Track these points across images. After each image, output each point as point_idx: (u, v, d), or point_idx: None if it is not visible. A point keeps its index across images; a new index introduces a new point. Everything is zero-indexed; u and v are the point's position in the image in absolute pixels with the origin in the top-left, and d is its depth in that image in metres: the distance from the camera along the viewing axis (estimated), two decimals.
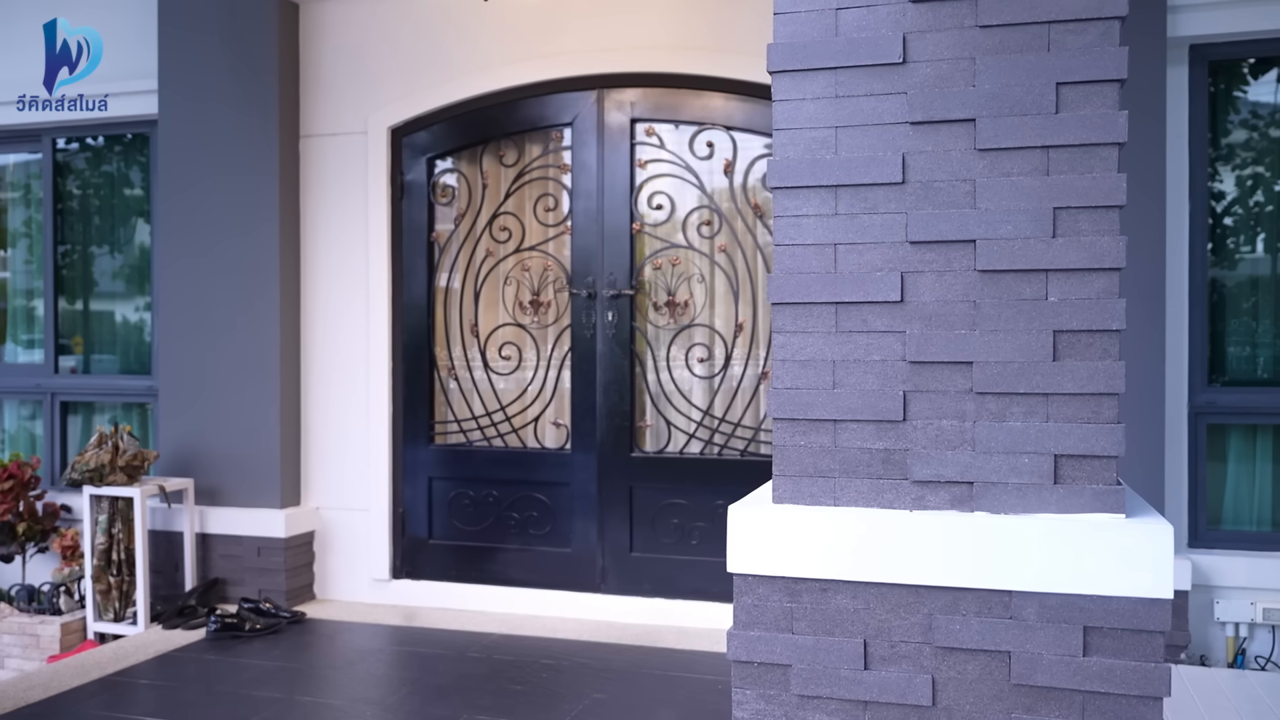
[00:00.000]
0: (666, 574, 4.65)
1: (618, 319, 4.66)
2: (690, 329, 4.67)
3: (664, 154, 4.67)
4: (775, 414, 1.93)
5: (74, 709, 3.67)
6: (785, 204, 1.92)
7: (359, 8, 5.02)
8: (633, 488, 4.71)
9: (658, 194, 4.68)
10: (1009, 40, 1.81)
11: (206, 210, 5.06)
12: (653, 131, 4.66)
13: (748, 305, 4.61)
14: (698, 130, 4.62)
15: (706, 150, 4.62)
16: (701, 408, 4.65)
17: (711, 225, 4.63)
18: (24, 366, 6.07)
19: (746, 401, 4.64)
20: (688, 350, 4.67)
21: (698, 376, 4.66)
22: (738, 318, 4.62)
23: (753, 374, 4.62)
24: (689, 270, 4.66)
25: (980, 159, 1.82)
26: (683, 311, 4.66)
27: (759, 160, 4.56)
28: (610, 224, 4.70)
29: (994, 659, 1.78)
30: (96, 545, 4.86)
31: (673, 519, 4.65)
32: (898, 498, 1.86)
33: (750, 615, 1.90)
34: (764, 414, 4.63)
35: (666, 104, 4.65)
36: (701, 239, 4.65)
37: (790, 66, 1.91)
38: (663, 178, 4.69)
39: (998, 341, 1.80)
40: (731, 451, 4.61)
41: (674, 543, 4.63)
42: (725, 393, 4.65)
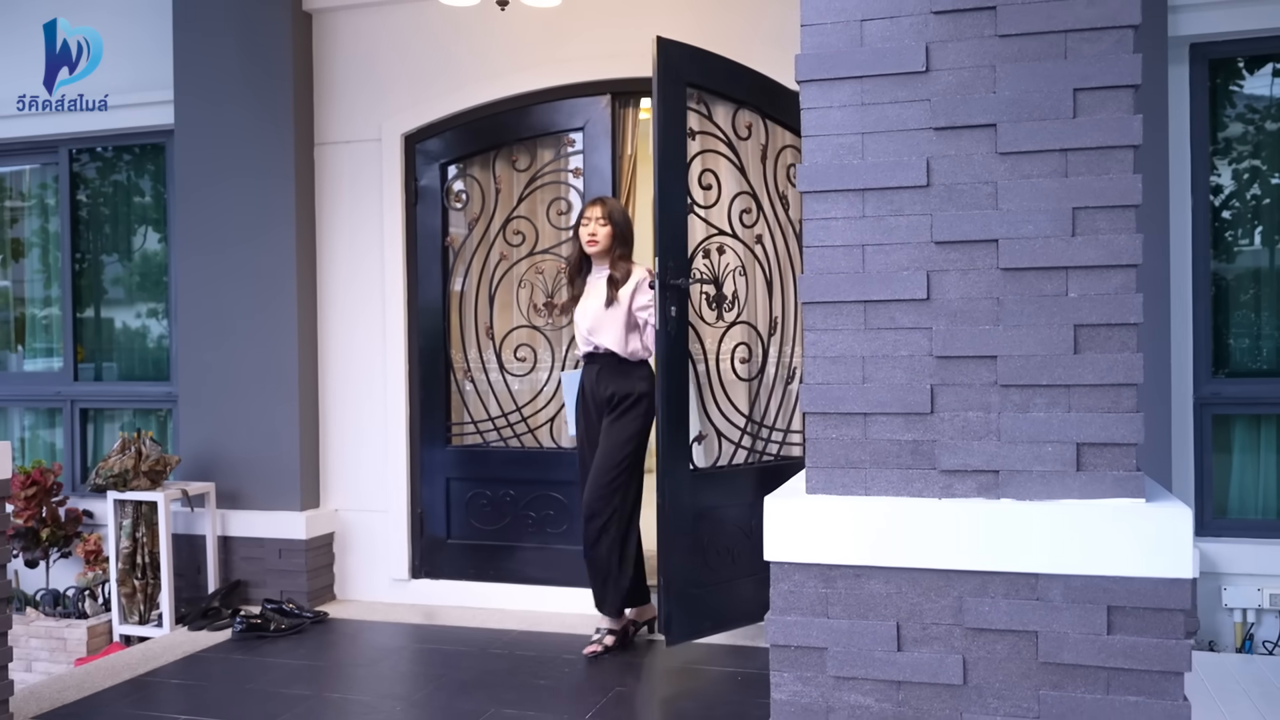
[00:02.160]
0: (725, 603, 4.09)
1: None
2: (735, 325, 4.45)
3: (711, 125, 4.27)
4: (807, 408, 2.01)
5: (109, 708, 3.74)
6: (814, 207, 2.01)
7: (371, 17, 5.10)
8: (689, 505, 3.96)
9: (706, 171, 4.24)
10: (1027, 48, 1.89)
11: (223, 218, 5.14)
12: (700, 99, 4.15)
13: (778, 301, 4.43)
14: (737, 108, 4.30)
15: (746, 132, 4.33)
16: (744, 411, 4.37)
17: (751, 213, 4.34)
18: (43, 374, 6.15)
19: (779, 402, 4.44)
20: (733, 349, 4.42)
21: (741, 378, 4.49)
22: (771, 314, 4.41)
23: (785, 374, 4.48)
24: (731, 262, 4.37)
25: (1001, 162, 1.91)
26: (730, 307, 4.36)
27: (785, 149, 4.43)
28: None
29: (1022, 638, 1.86)
30: (121, 549, 4.94)
31: (722, 540, 4.07)
32: (926, 486, 1.95)
33: (787, 601, 1.98)
34: (792, 414, 4.50)
35: None
36: (744, 228, 4.35)
37: (817, 76, 2.00)
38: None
39: (1020, 336, 1.89)
40: (762, 455, 4.39)
41: (728, 566, 4.07)
42: (763, 393, 4.42)
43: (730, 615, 4.03)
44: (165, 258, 5.88)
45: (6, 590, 3.30)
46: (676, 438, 3.87)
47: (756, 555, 4.05)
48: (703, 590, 3.91)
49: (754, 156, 4.32)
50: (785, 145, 4.38)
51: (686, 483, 3.90)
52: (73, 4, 5.72)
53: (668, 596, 3.77)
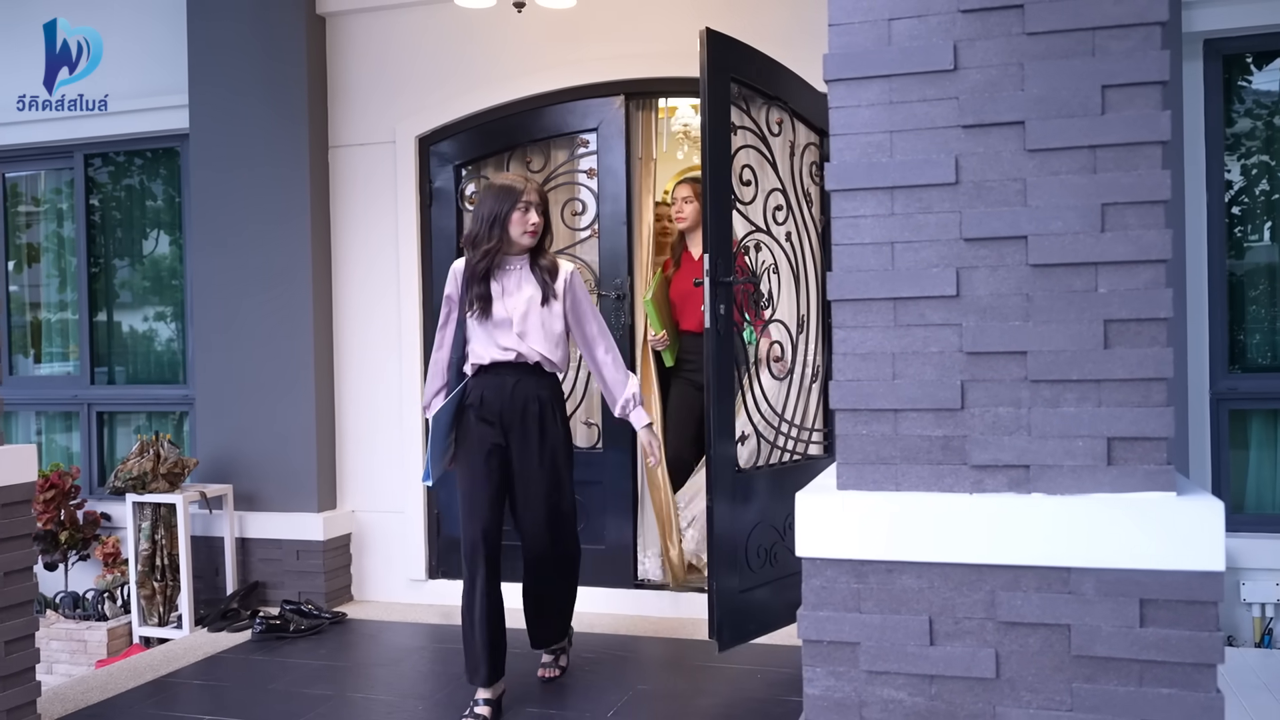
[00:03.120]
0: (767, 604, 3.99)
1: None
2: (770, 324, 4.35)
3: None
4: (837, 405, 2.03)
5: (133, 709, 3.77)
6: (843, 205, 2.02)
7: (384, 20, 5.12)
8: (735, 506, 3.85)
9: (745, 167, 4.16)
10: (1055, 46, 1.91)
11: (238, 221, 5.16)
12: (741, 95, 3.98)
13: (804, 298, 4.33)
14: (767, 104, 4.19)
15: (778, 128, 4.23)
16: (778, 410, 4.24)
17: (783, 210, 4.22)
18: (59, 378, 6.18)
19: (804, 401, 4.33)
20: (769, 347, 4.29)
21: (776, 378, 4.35)
22: (798, 312, 4.31)
23: (810, 372, 4.46)
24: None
25: (1030, 159, 1.92)
26: (767, 305, 4.25)
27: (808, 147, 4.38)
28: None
29: (1054, 632, 1.88)
30: (140, 551, 4.97)
31: (761, 541, 3.93)
32: (957, 482, 1.96)
33: (819, 596, 2.00)
34: (814, 412, 4.43)
35: None
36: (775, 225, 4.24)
37: (846, 75, 2.01)
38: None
39: (1050, 331, 1.90)
40: (791, 454, 4.27)
41: (768, 566, 3.95)
42: (792, 392, 4.31)
43: (773, 617, 3.96)
44: (177, 261, 5.91)
45: (31, 593, 3.32)
46: (726, 441, 3.75)
47: (791, 555, 4.06)
48: (748, 593, 3.85)
49: (783, 153, 4.25)
50: (808, 143, 4.37)
51: (733, 486, 3.78)
52: (84, 8, 5.75)
53: (720, 603, 3.68)
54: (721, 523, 3.72)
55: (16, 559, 3.24)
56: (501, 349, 3.52)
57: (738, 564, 3.79)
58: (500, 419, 3.54)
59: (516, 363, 3.54)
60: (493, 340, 3.51)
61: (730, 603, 3.75)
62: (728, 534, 3.77)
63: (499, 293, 3.53)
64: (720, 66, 3.79)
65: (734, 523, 3.79)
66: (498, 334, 3.52)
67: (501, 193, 3.50)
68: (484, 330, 3.52)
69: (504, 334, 3.52)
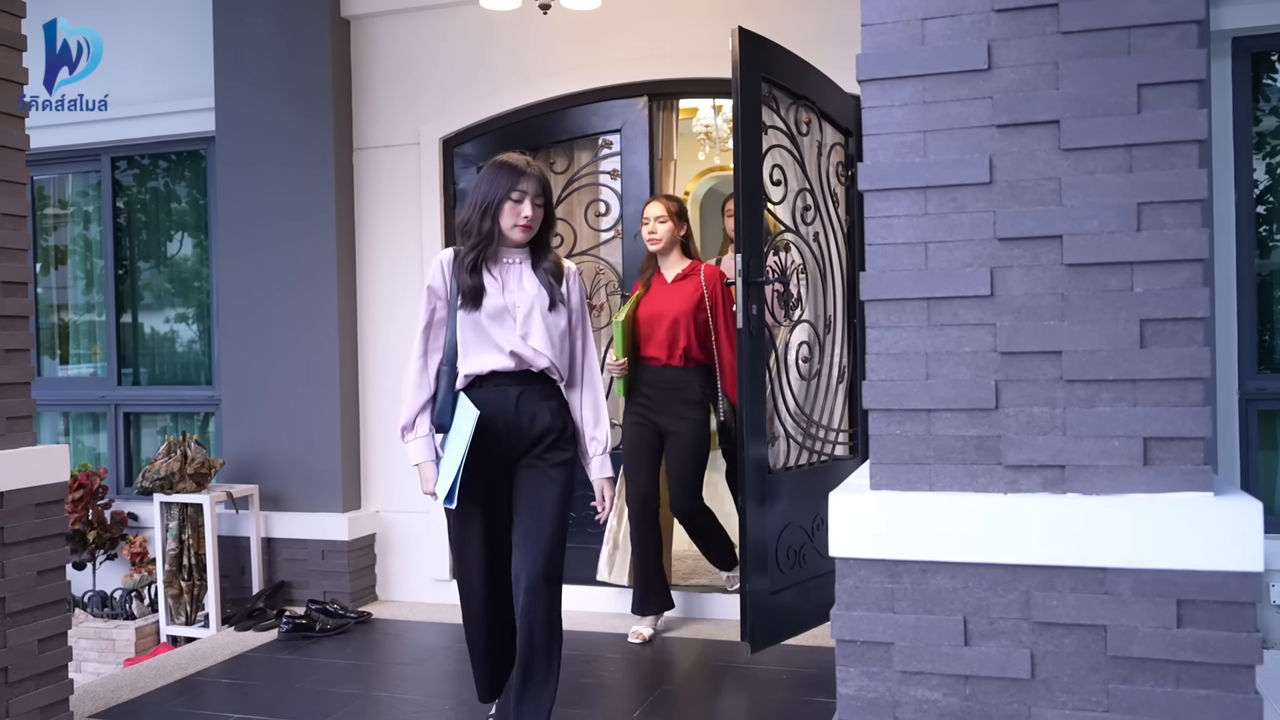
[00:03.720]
0: (796, 605, 4.05)
1: None
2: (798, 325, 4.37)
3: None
4: (870, 405, 2.03)
5: (162, 707, 3.80)
6: (876, 205, 2.02)
7: (408, 22, 5.15)
8: (767, 508, 3.87)
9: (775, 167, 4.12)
10: (1090, 45, 1.90)
11: (264, 223, 5.20)
12: (771, 94, 4.00)
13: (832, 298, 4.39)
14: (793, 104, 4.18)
15: (806, 128, 4.24)
16: (806, 411, 4.28)
17: (811, 210, 4.26)
18: (86, 379, 6.23)
19: (832, 402, 4.39)
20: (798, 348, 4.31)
21: (804, 379, 4.39)
22: (825, 312, 4.36)
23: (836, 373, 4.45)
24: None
25: (1065, 158, 1.91)
26: (796, 305, 4.28)
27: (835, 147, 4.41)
28: None
29: (1090, 633, 1.87)
30: (168, 551, 5.00)
31: (790, 542, 3.99)
32: (991, 482, 1.96)
33: (852, 596, 2.00)
34: (840, 414, 4.45)
35: None
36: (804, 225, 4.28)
37: (879, 75, 2.01)
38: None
39: (1086, 331, 1.90)
40: (820, 454, 4.34)
41: (797, 568, 4.02)
42: (820, 393, 4.36)
43: (803, 618, 4.01)
44: (201, 263, 5.95)
45: (63, 592, 3.35)
46: (758, 442, 3.77)
47: (819, 556, 4.04)
48: (778, 595, 3.88)
49: (811, 153, 4.27)
50: (835, 143, 4.39)
51: (763, 488, 3.80)
52: (114, 17, 5.80)
53: (752, 606, 3.72)
54: (753, 525, 3.74)
55: (49, 558, 3.27)
56: (502, 352, 2.93)
57: (768, 566, 3.80)
58: (501, 442, 2.96)
59: (519, 371, 2.96)
60: (490, 341, 2.93)
61: (762, 605, 3.76)
62: (759, 536, 3.79)
63: (495, 286, 2.96)
64: (752, 65, 3.82)
65: (764, 525, 3.80)
66: (497, 332, 2.93)
67: (497, 176, 2.96)
68: (478, 331, 2.93)
69: (505, 332, 2.94)
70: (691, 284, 4.34)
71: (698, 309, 4.31)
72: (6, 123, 3.24)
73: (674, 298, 4.33)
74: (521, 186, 2.94)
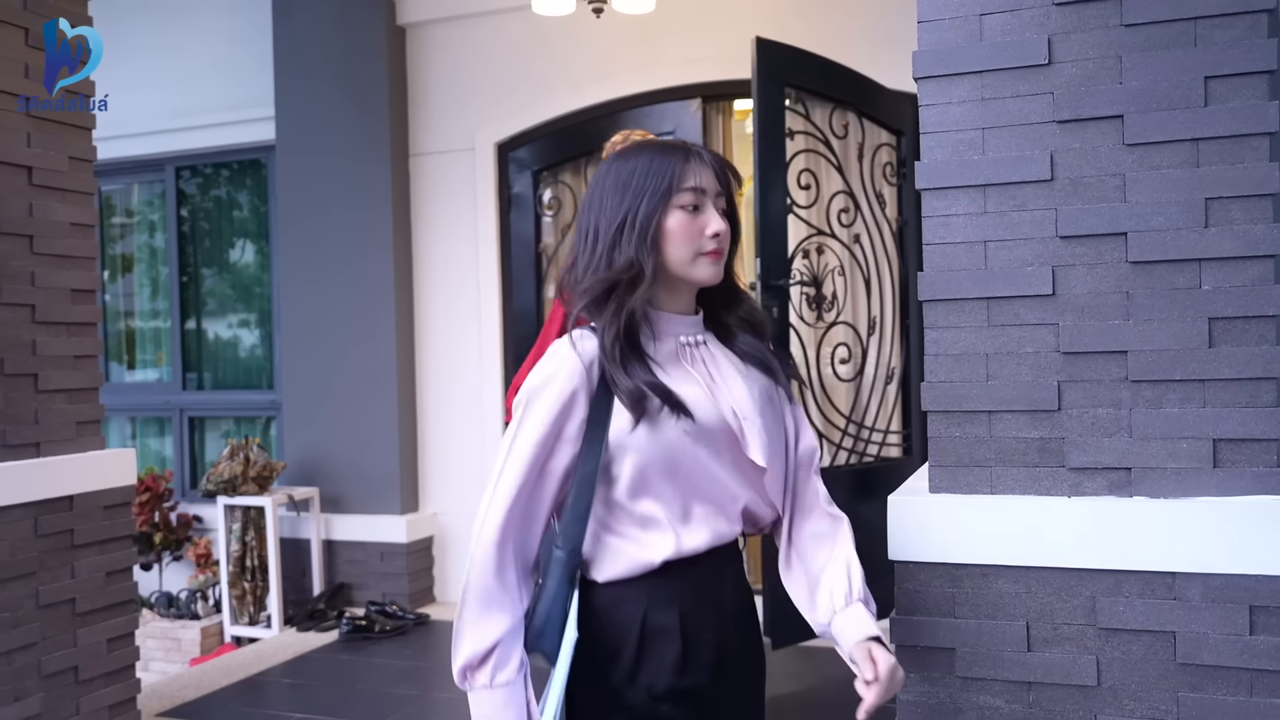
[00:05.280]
0: None
1: None
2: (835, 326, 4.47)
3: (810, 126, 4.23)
4: (929, 407, 2.00)
5: (226, 707, 3.87)
6: (934, 204, 1.99)
7: (462, 29, 5.19)
8: None
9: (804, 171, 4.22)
10: (1155, 37, 1.86)
11: (323, 230, 5.28)
12: (799, 99, 4.09)
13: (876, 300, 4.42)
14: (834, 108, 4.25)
15: (843, 131, 4.31)
16: (845, 412, 4.34)
17: (849, 212, 4.32)
18: (153, 384, 6.37)
19: (879, 403, 4.43)
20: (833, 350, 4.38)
21: (842, 379, 4.47)
22: (870, 313, 4.38)
23: (884, 373, 4.48)
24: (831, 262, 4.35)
25: (1129, 154, 1.87)
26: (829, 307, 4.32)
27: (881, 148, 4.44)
28: None
29: (1158, 639, 1.82)
30: (231, 552, 5.10)
31: None
32: (1055, 485, 1.92)
33: (912, 601, 1.97)
34: (891, 415, 4.49)
35: None
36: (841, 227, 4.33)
37: (936, 72, 1.98)
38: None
39: (1152, 330, 1.85)
40: (869, 458, 4.39)
41: None
42: (863, 394, 4.41)
43: None
44: (262, 270, 6.05)
45: (131, 592, 3.43)
46: None
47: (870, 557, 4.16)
48: None
49: (851, 155, 4.29)
50: (881, 144, 4.38)
51: None
52: (180, 30, 5.93)
53: (773, 601, 3.74)
54: None
55: (117, 559, 3.34)
56: (726, 515, 1.66)
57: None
58: (714, 638, 1.64)
59: (730, 546, 1.71)
60: (706, 493, 1.62)
61: (787, 603, 3.72)
62: None
63: (690, 379, 1.62)
64: (772, 74, 3.88)
65: None
66: (725, 470, 1.62)
67: (648, 169, 1.60)
68: (674, 471, 1.57)
69: (735, 472, 1.64)
70: None
71: None
72: (75, 135, 3.32)
73: None
74: (695, 182, 1.60)
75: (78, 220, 3.30)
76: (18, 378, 3.08)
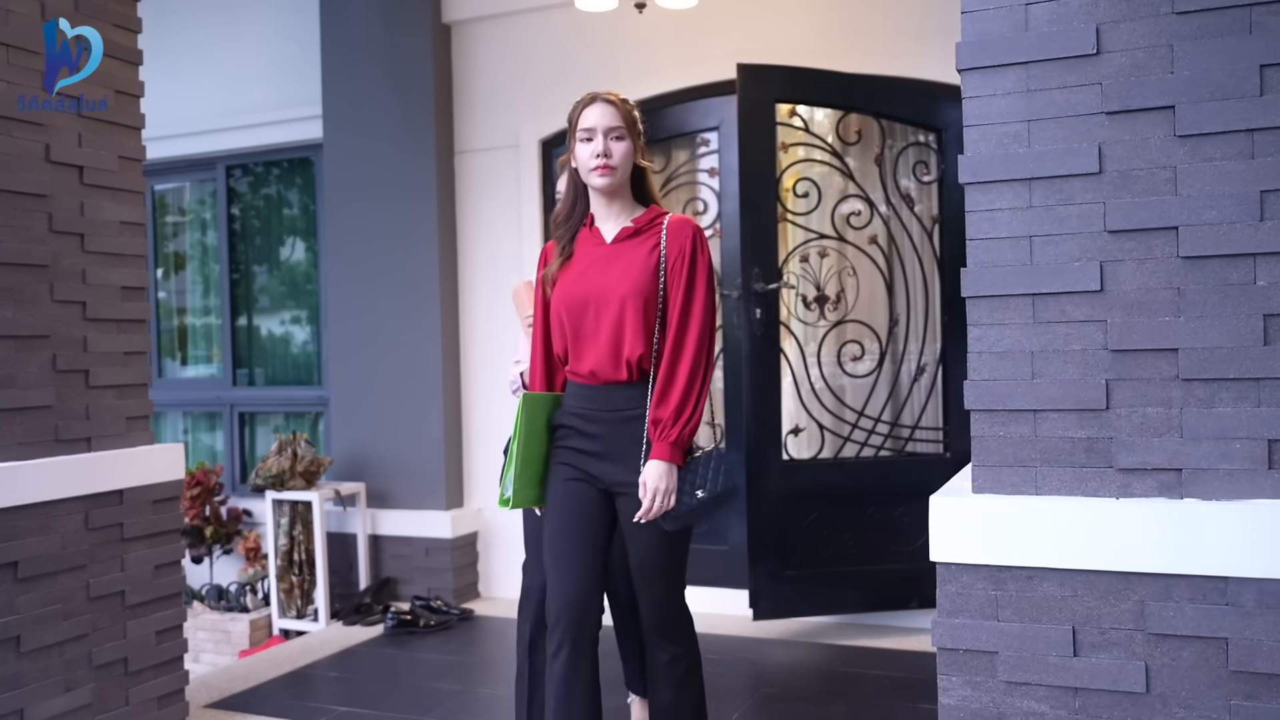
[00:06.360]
0: (826, 588, 4.46)
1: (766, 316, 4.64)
2: (843, 324, 4.64)
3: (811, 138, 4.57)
4: (972, 405, 1.96)
5: (273, 699, 3.91)
6: (978, 199, 1.95)
7: (506, 26, 5.20)
8: (780, 492, 4.37)
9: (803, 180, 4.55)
10: (1208, 25, 1.80)
11: (369, 228, 5.32)
12: (795, 113, 4.51)
13: (900, 299, 4.58)
14: (842, 115, 4.55)
15: (855, 137, 4.57)
16: (855, 408, 4.61)
17: (861, 215, 4.58)
18: (204, 380, 6.47)
19: (903, 399, 4.61)
20: (840, 347, 4.62)
21: (851, 376, 4.63)
22: (892, 312, 4.57)
23: (908, 370, 4.60)
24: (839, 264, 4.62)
25: (1180, 145, 1.82)
26: (834, 307, 4.62)
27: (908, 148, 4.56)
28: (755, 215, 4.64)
29: (1210, 645, 1.77)
30: (279, 546, 5.16)
31: (823, 529, 4.41)
32: (1102, 485, 1.87)
33: (954, 603, 1.93)
34: (919, 411, 4.60)
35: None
36: (852, 230, 4.59)
37: (980, 63, 1.94)
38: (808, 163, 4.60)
39: (1204, 327, 1.80)
40: (887, 452, 4.57)
41: (831, 554, 4.42)
42: (880, 390, 4.62)
43: (825, 602, 4.47)
44: (312, 267, 6.12)
45: (179, 586, 3.48)
46: (764, 430, 4.36)
47: (862, 546, 4.42)
48: (796, 574, 4.39)
49: (867, 159, 4.54)
50: (910, 143, 4.45)
51: (776, 472, 4.38)
52: (230, 31, 6.01)
53: (754, 575, 4.35)
54: (761, 506, 4.34)
55: (165, 553, 3.39)
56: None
57: (785, 545, 4.36)
58: None
59: None
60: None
61: (771, 578, 4.36)
62: (767, 516, 4.34)
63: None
64: (757, 97, 4.33)
65: (781, 507, 4.36)
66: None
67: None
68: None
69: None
70: (648, 243, 2.53)
71: (650, 287, 2.50)
72: (125, 135, 3.37)
73: (616, 267, 2.53)
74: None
75: (127, 219, 3.35)
76: (69, 374, 3.14)
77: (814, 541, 4.41)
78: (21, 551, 2.93)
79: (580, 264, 2.54)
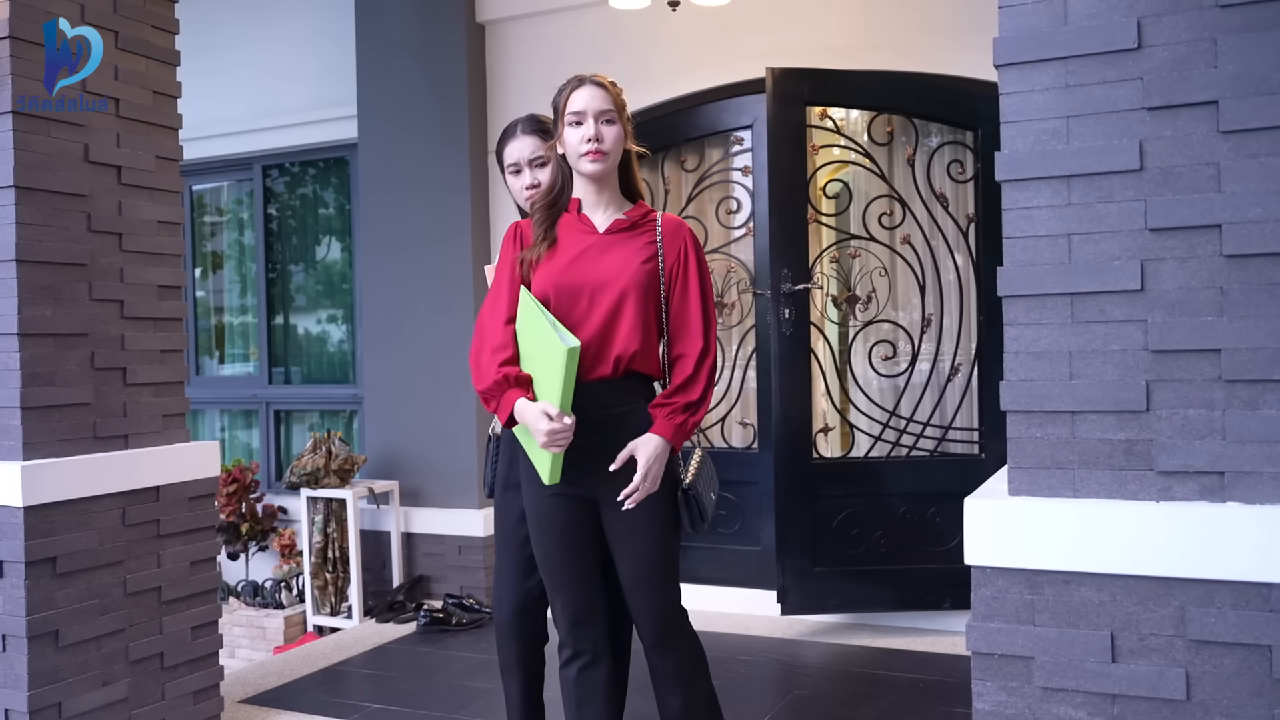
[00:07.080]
0: (856, 586, 4.49)
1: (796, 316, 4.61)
2: (875, 324, 4.63)
3: (840, 139, 4.63)
4: (1009, 407, 1.93)
5: (306, 695, 3.93)
6: (1015, 197, 1.92)
7: (539, 25, 5.20)
8: (810, 490, 4.44)
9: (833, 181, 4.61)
10: (1253, 18, 1.76)
11: (403, 226, 5.34)
12: (826, 115, 4.57)
13: (934, 298, 4.55)
14: (874, 116, 4.58)
15: (887, 137, 4.58)
16: (887, 407, 4.59)
17: (891, 215, 4.59)
18: (241, 378, 6.53)
19: (936, 399, 4.58)
20: (871, 347, 4.62)
21: (883, 375, 4.62)
22: (925, 311, 4.56)
23: (942, 370, 4.57)
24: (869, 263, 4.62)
25: (1224, 141, 1.78)
26: (865, 307, 4.61)
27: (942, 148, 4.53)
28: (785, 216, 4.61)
29: (1253, 653, 1.73)
30: (314, 544, 5.19)
31: (854, 527, 4.45)
32: (1142, 489, 1.83)
33: (990, 607, 1.90)
34: (953, 412, 4.57)
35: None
36: (884, 230, 4.60)
37: (1018, 59, 1.91)
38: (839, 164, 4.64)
39: (1248, 328, 1.76)
40: (920, 452, 4.55)
41: (861, 552, 4.45)
42: (913, 390, 4.60)
43: (855, 599, 4.49)
44: (347, 266, 6.16)
45: (214, 582, 3.50)
46: (793, 428, 4.43)
47: (893, 546, 4.43)
48: (826, 570, 4.45)
49: (899, 159, 4.55)
50: (944, 142, 4.45)
51: (805, 470, 4.45)
52: (266, 32, 6.06)
53: (782, 571, 4.42)
54: (789, 504, 4.41)
55: (201, 549, 3.42)
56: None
57: (814, 542, 4.41)
58: None
59: None
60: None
61: (799, 575, 4.42)
62: (795, 514, 4.40)
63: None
64: (787, 100, 4.36)
65: (810, 505, 4.42)
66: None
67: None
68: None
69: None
70: (641, 239, 2.47)
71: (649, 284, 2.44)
72: (163, 135, 3.40)
73: (612, 258, 2.45)
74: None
75: (165, 218, 3.38)
76: (107, 371, 3.17)
77: (844, 540, 4.45)
78: (60, 547, 2.97)
79: (570, 250, 2.41)
